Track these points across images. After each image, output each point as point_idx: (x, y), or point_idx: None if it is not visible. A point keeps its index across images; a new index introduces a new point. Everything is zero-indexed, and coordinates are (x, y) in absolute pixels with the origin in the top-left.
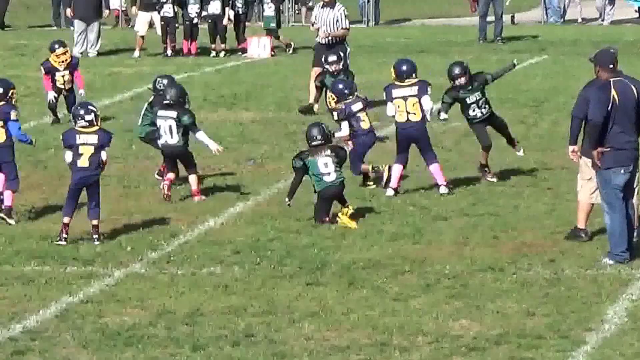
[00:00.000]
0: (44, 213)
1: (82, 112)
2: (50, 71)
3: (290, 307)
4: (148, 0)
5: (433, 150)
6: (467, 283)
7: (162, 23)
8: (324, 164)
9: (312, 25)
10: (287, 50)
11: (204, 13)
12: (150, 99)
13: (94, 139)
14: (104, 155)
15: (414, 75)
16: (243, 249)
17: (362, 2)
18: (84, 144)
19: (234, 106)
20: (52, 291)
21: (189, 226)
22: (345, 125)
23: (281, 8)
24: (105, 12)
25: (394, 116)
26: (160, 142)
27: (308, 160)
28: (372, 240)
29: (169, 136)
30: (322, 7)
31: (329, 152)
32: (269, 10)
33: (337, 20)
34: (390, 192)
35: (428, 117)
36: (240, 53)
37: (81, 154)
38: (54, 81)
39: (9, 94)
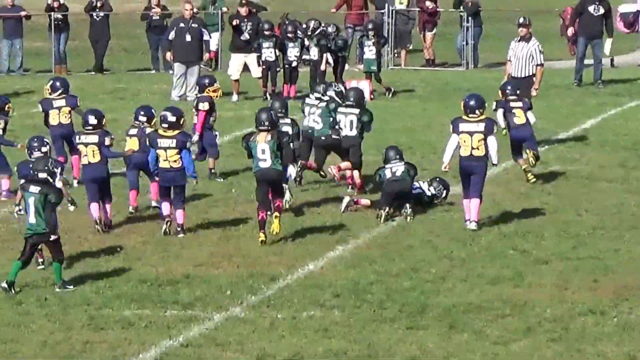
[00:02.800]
0: (143, 256)
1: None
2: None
3: (390, 351)
4: (241, 42)
5: (482, 187)
6: (568, 327)
7: (263, 67)
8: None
9: (509, 61)
10: (387, 93)
11: (303, 56)
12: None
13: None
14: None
15: (481, 110)
16: (343, 293)
17: (460, 44)
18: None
19: None
20: (152, 335)
21: (288, 269)
22: None
23: (381, 51)
24: (206, 56)
25: (457, 148)
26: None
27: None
28: (472, 283)
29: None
30: (517, 41)
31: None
32: (370, 53)
33: (531, 56)
34: (473, 225)
35: (494, 159)
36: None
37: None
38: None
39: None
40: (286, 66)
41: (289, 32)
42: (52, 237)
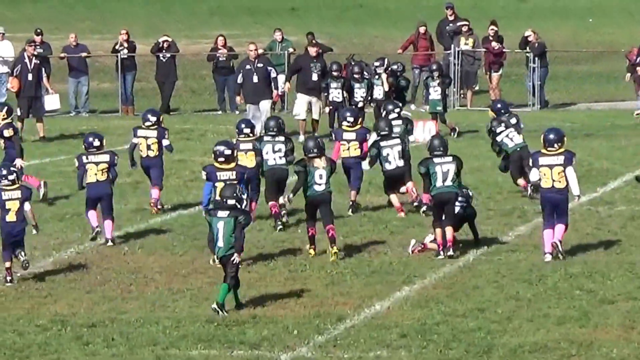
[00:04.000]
0: (210, 297)
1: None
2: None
3: None
4: (307, 83)
5: (568, 215)
6: None
7: (330, 107)
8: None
9: None
10: (452, 134)
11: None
12: None
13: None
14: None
15: (560, 144)
16: (409, 333)
17: (528, 85)
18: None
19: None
20: None
21: (355, 310)
22: None
23: (447, 91)
24: (274, 93)
25: (538, 181)
26: None
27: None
28: (538, 323)
29: None
30: None
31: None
32: (435, 93)
33: None
34: (548, 257)
35: (575, 191)
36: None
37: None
38: None
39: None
40: (353, 107)
41: (356, 73)
42: (235, 258)
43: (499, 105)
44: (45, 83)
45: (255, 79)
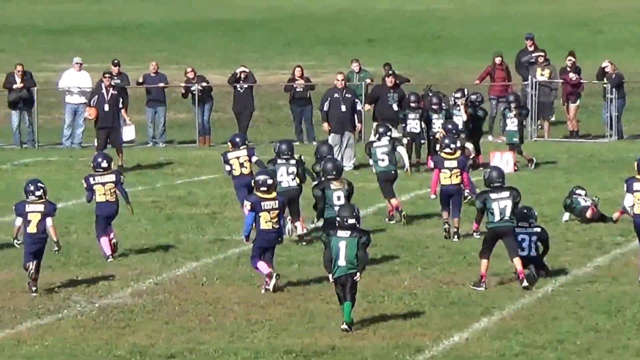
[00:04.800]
0: (289, 327)
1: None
2: None
3: None
4: (384, 113)
5: None
6: None
7: (408, 138)
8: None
9: None
10: (530, 165)
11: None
12: None
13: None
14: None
15: None
16: None
17: (605, 116)
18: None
19: None
20: None
21: (433, 341)
22: None
23: (524, 123)
24: (358, 126)
25: (631, 207)
26: None
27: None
28: (617, 355)
29: None
30: None
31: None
32: (512, 124)
33: None
34: None
35: None
36: (480, 168)
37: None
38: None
39: None
40: (430, 138)
41: (434, 104)
42: (357, 277)
43: None
44: (123, 114)
45: (342, 108)
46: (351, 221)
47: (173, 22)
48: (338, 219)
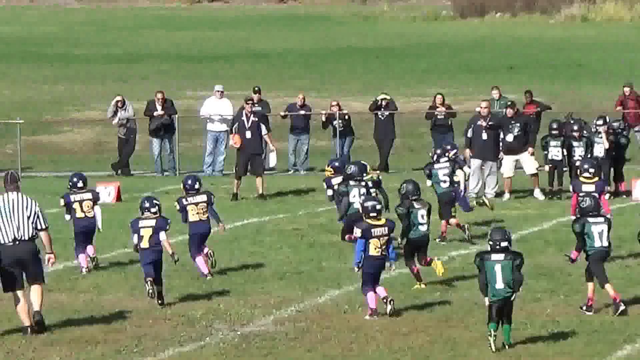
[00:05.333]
0: (431, 355)
1: None
2: None
3: None
4: (512, 144)
5: None
6: None
7: (550, 165)
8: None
9: None
10: None
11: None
12: None
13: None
14: None
15: None
16: None
17: None
18: None
19: (619, 248)
20: None
21: None
22: None
23: None
24: (500, 154)
25: None
26: None
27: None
28: None
29: None
30: None
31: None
32: None
33: None
34: None
35: None
36: (624, 195)
37: None
38: None
39: None
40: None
41: (575, 131)
42: (513, 298)
43: None
44: (267, 139)
45: (484, 136)
46: (504, 244)
47: (314, 49)
48: (490, 242)
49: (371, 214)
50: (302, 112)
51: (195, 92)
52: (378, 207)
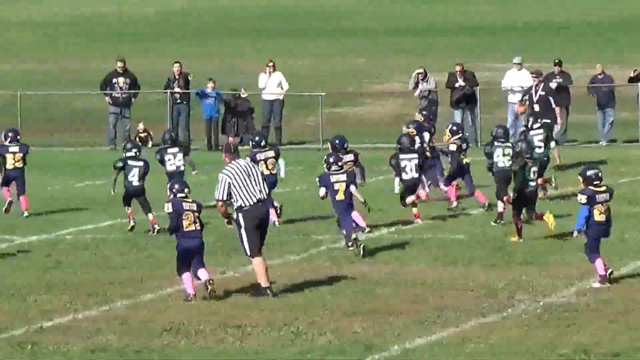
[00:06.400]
0: None
1: None
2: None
3: None
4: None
5: None
6: None
7: None
8: None
9: None
10: None
11: None
12: None
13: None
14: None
15: None
16: None
17: None
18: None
19: None
20: None
21: None
22: None
23: None
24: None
25: None
26: None
27: None
28: None
29: None
30: None
31: None
32: None
33: None
34: None
35: None
36: None
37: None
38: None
39: None
40: None
41: None
42: None
43: None
44: (557, 111)
45: None
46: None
47: (616, 20)
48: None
49: (594, 182)
50: (604, 85)
51: (495, 64)
52: (600, 174)
